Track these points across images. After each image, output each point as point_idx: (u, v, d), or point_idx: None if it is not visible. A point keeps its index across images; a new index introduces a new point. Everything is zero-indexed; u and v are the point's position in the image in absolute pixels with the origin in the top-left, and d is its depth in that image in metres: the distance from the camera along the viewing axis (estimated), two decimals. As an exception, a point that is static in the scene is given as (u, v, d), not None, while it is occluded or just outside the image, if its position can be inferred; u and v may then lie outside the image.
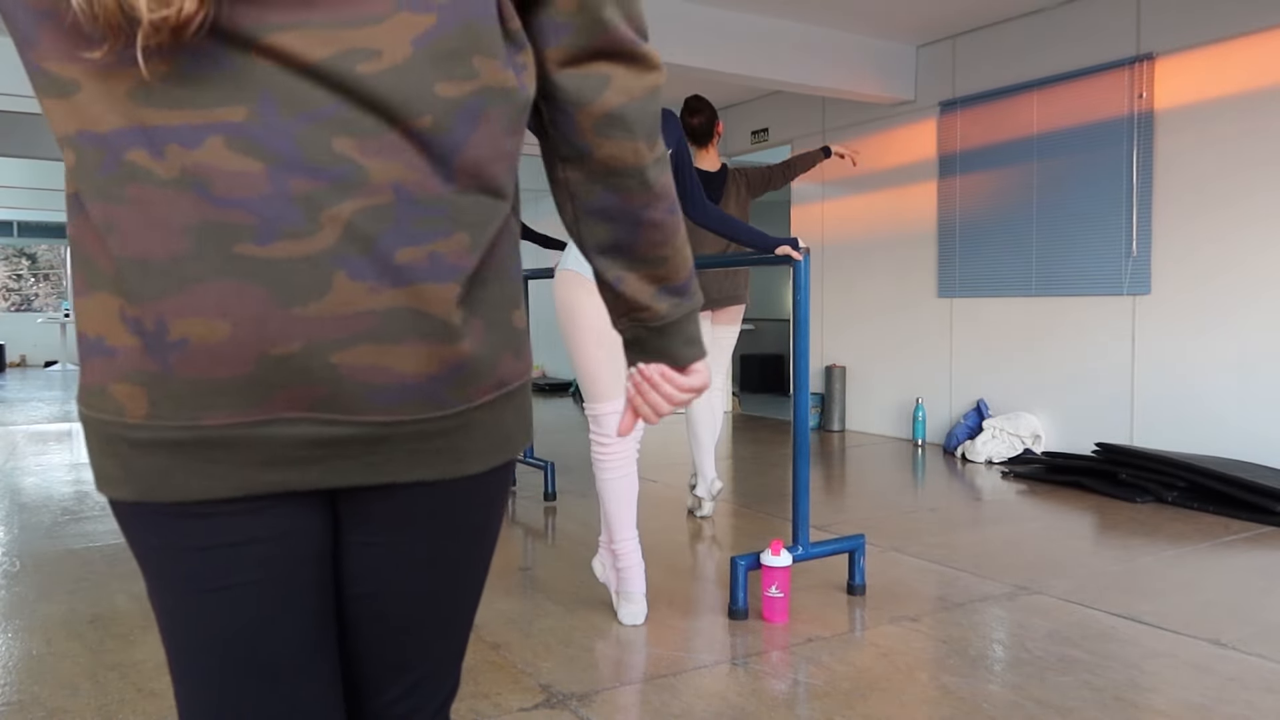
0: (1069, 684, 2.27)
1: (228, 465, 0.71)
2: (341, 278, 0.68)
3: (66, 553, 3.53)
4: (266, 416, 0.70)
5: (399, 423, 0.73)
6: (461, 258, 0.73)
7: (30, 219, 14.92)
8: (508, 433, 0.82)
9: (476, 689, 2.26)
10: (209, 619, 0.77)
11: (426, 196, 0.71)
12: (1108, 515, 4.05)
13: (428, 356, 0.72)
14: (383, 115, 0.69)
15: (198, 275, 0.67)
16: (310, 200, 0.67)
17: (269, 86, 0.66)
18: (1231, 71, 4.52)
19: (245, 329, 0.67)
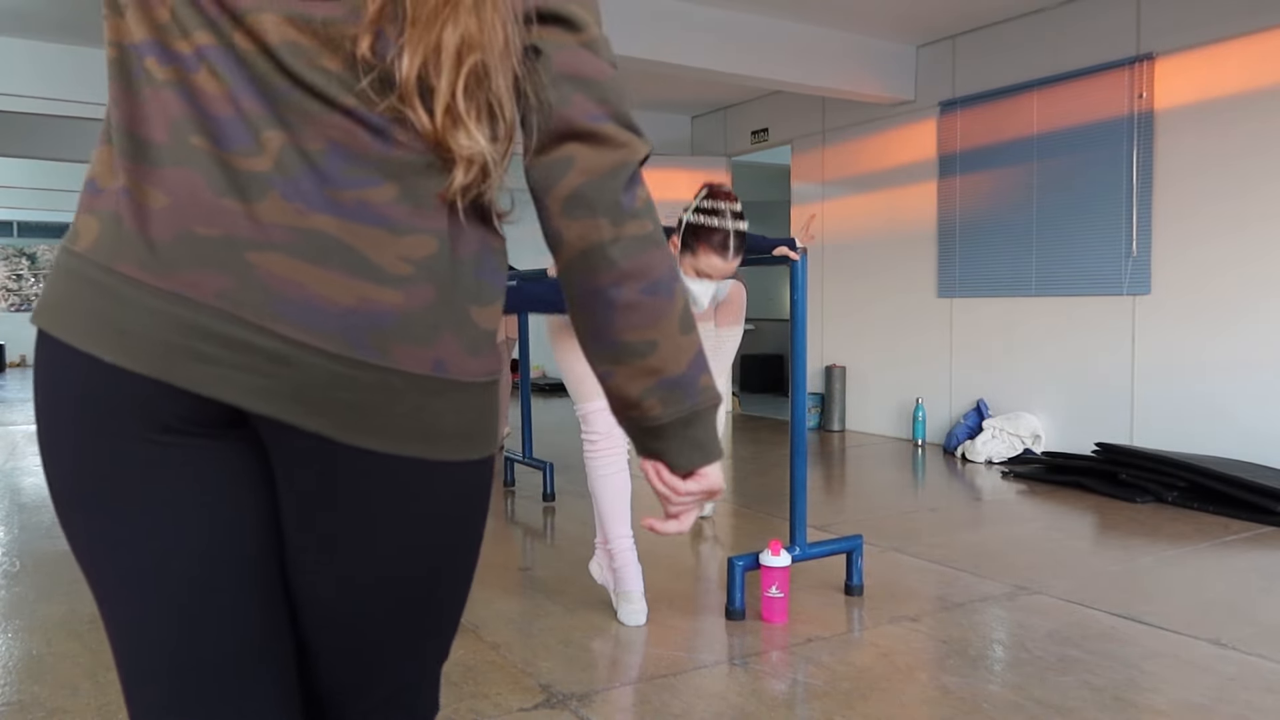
0: (1069, 684, 2.27)
1: (132, 325, 0.70)
2: (275, 195, 0.71)
3: (66, 553, 3.53)
4: (171, 289, 0.70)
5: (304, 345, 0.71)
6: (391, 208, 0.73)
7: (30, 219, 14.93)
8: (438, 429, 0.76)
9: (476, 689, 2.26)
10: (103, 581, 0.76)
11: (361, 153, 0.73)
12: (1108, 515, 4.05)
13: (346, 288, 0.71)
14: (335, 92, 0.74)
15: (165, 160, 0.72)
16: (254, 122, 0.72)
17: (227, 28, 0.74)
18: (1231, 71, 4.52)
19: (179, 204, 0.71)
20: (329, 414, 0.72)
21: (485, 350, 0.79)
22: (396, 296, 0.73)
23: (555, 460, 4.69)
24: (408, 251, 0.73)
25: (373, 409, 0.73)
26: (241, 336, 0.70)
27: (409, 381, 0.73)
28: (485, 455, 0.81)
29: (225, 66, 0.72)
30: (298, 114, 0.73)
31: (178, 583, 0.75)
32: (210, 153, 0.72)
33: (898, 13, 5.46)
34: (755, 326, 9.49)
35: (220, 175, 0.71)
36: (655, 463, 0.89)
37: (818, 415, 6.89)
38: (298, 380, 0.71)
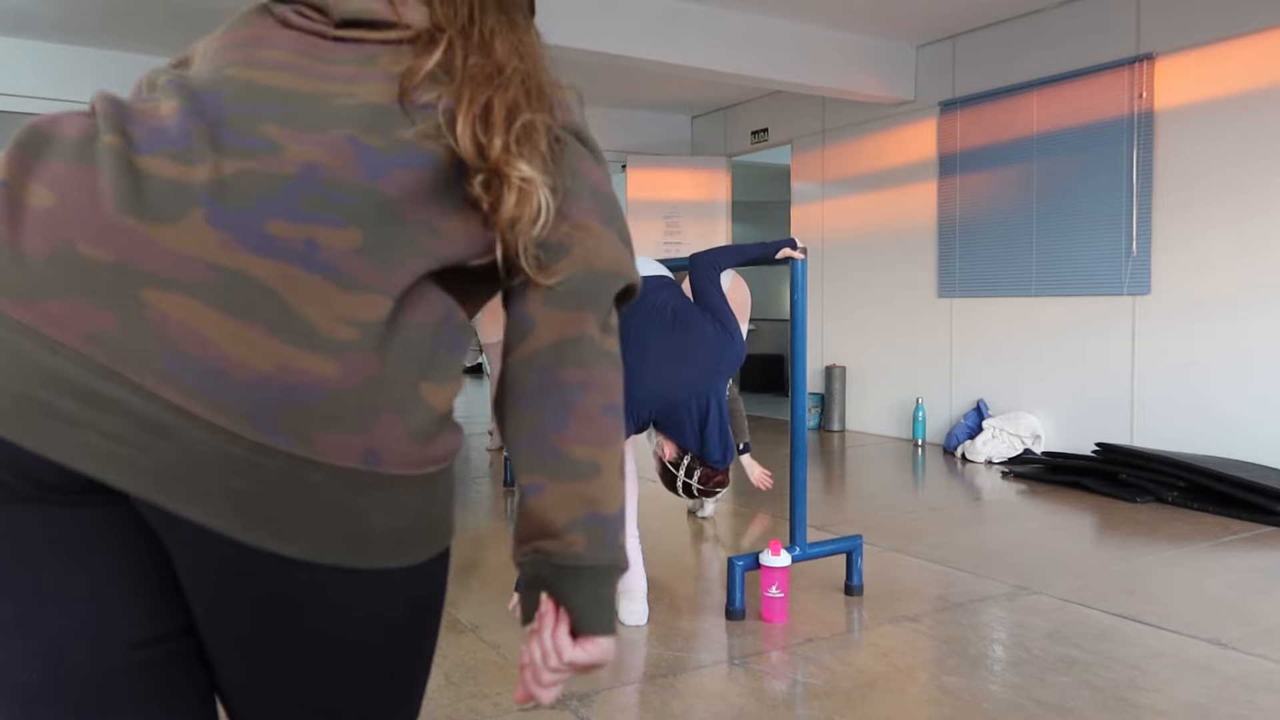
0: (1069, 684, 2.27)
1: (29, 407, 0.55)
2: (198, 215, 0.58)
3: (66, 553, 3.53)
4: (32, 323, 0.55)
5: (192, 417, 0.55)
6: (346, 259, 0.61)
7: (30, 219, 14.92)
8: (366, 532, 0.61)
9: (477, 689, 2.26)
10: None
11: (337, 182, 0.63)
12: (1108, 515, 4.05)
13: (265, 350, 0.57)
14: (329, 121, 0.68)
15: (66, 151, 0.61)
16: (201, 140, 0.62)
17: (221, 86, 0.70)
18: (1231, 71, 4.52)
19: (64, 207, 0.58)
20: (219, 504, 0.57)
21: (436, 434, 0.66)
22: (329, 367, 0.59)
23: (555, 460, 4.68)
24: (352, 312, 0.60)
25: (278, 503, 0.58)
26: (115, 396, 0.55)
27: (330, 475, 0.59)
28: (429, 557, 0.68)
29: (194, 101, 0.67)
30: (289, 127, 0.65)
31: (52, 677, 0.61)
32: (122, 151, 0.60)
33: (898, 13, 5.46)
34: (755, 326, 9.47)
35: (128, 181, 0.58)
36: (552, 616, 0.73)
37: (818, 415, 6.89)
38: (184, 459, 0.56)
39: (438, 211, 0.67)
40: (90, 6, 5.40)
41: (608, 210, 0.78)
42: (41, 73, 6.01)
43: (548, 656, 0.71)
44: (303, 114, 0.66)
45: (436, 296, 0.68)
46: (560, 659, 0.70)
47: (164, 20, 5.61)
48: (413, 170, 0.66)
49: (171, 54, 0.77)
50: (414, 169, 0.66)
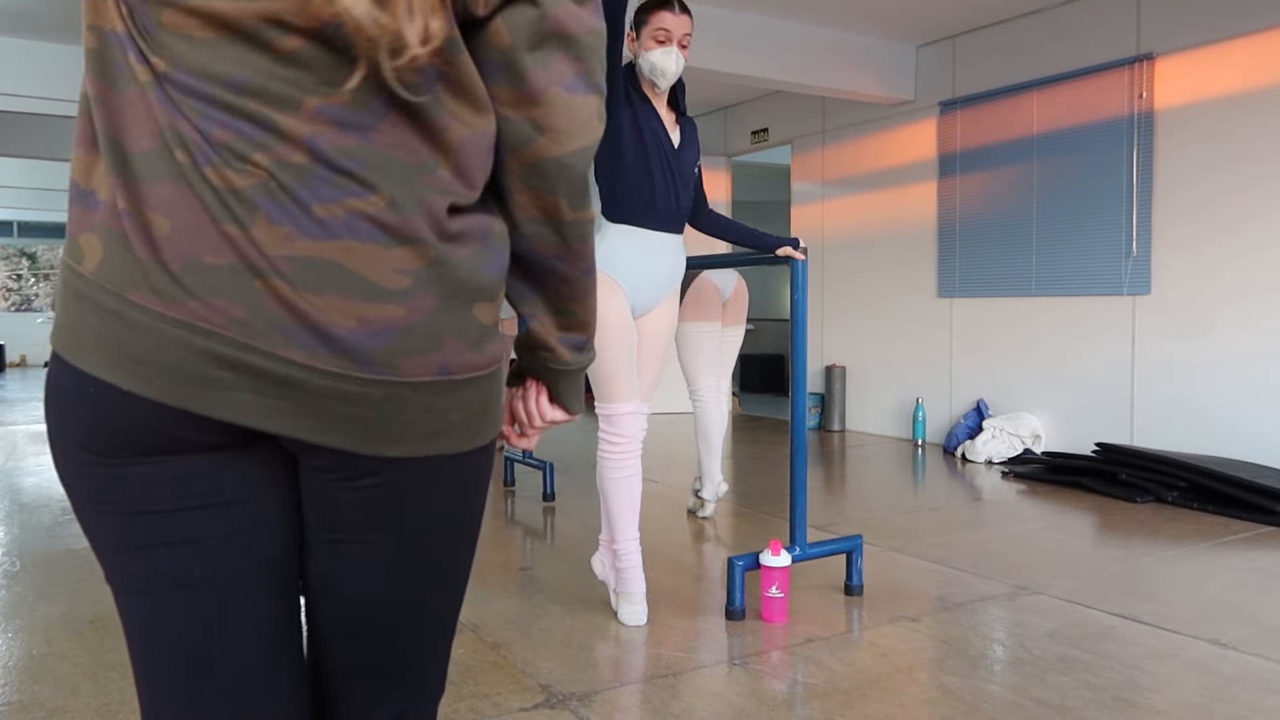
0: (1069, 684, 2.27)
1: (149, 355, 0.71)
2: (261, 219, 0.71)
3: (66, 553, 3.53)
4: (186, 319, 0.70)
5: (312, 369, 0.72)
6: (385, 216, 0.73)
7: (30, 219, 14.92)
8: (448, 425, 0.78)
9: (477, 689, 2.26)
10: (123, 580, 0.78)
11: (343, 148, 0.72)
12: (1108, 515, 4.05)
13: (346, 311, 0.72)
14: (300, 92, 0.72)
15: (156, 174, 0.71)
16: (230, 147, 0.71)
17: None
18: (1231, 71, 4.52)
19: (181, 229, 0.70)
20: (343, 429, 0.74)
21: (487, 342, 0.80)
22: (398, 311, 0.74)
23: (555, 460, 4.69)
24: (403, 263, 0.74)
25: (385, 419, 0.75)
26: (256, 364, 0.71)
27: (416, 390, 0.75)
28: (489, 441, 0.85)
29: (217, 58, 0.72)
30: (273, 107, 0.71)
31: (202, 586, 0.78)
32: (194, 169, 0.70)
33: (898, 13, 5.46)
34: (755, 326, 9.49)
35: (211, 195, 0.70)
36: (535, 389, 0.97)
37: (818, 415, 6.89)
38: (312, 401, 0.73)
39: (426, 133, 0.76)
40: (90, 6, 5.40)
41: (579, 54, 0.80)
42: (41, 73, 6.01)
43: (532, 416, 0.97)
44: (273, 84, 0.71)
45: (471, 222, 0.79)
46: (543, 418, 0.97)
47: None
48: (387, 112, 0.74)
49: None
50: (387, 113, 0.74)
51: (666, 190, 2.73)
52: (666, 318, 2.84)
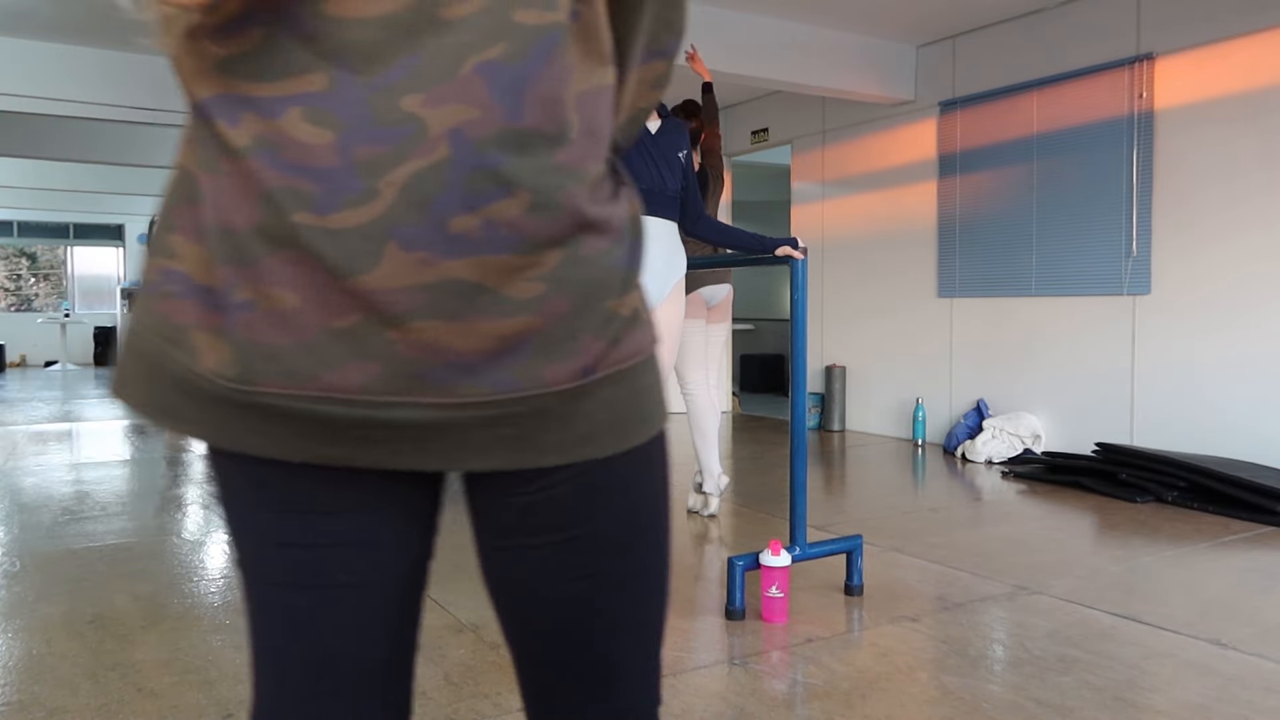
0: (1069, 684, 2.27)
1: (284, 431, 0.71)
2: (393, 248, 0.66)
3: (66, 553, 3.53)
4: (317, 393, 0.68)
5: (459, 405, 0.70)
6: (524, 222, 0.68)
7: (30, 219, 14.92)
8: (596, 427, 0.76)
9: (477, 689, 2.26)
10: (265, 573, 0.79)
11: (485, 138, 0.66)
12: (1108, 515, 4.05)
13: (483, 334, 0.69)
14: (454, 56, 0.66)
15: (264, 245, 0.67)
16: (370, 166, 0.66)
17: (345, 51, 0.66)
18: (1231, 71, 4.52)
19: (309, 300, 0.67)
20: (498, 450, 0.73)
21: (627, 332, 0.76)
22: (533, 321, 0.70)
23: (555, 460, 4.68)
24: (536, 269, 0.69)
25: (535, 433, 0.73)
26: (400, 417, 0.70)
27: (561, 396, 0.73)
28: (649, 438, 0.80)
29: (331, 104, 0.66)
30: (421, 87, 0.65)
31: (335, 589, 0.79)
32: (317, 227, 0.66)
33: (898, 13, 5.46)
34: (755, 326, 9.49)
35: (336, 249, 0.66)
36: None
37: (818, 415, 6.89)
38: (461, 435, 0.72)
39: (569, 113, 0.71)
40: (86, 5, 5.40)
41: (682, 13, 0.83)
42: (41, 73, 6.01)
43: None
44: (425, 59, 0.66)
45: (606, 211, 0.74)
46: None
47: (164, 20, 5.61)
48: (541, 80, 0.68)
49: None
50: (540, 75, 0.68)
51: (648, 172, 2.73)
52: (673, 314, 2.84)
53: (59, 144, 8.20)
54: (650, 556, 0.85)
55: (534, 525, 0.79)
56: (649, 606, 0.85)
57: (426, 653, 2.50)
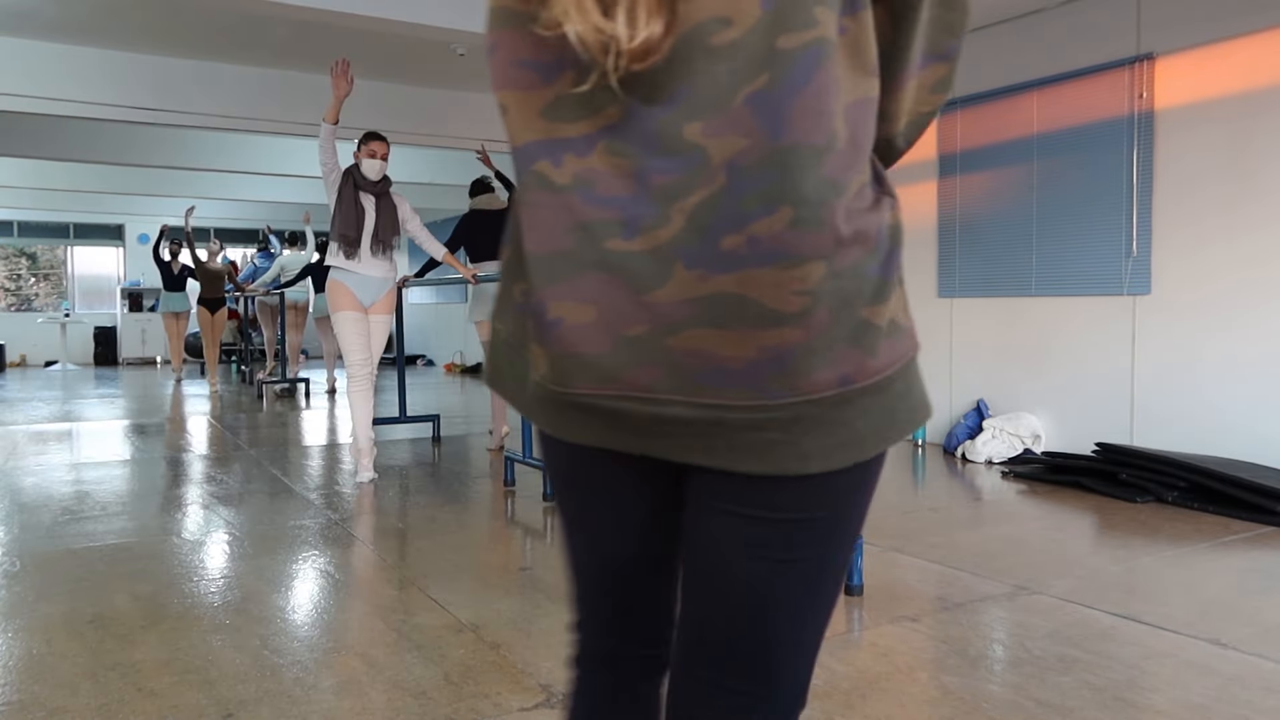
0: (1069, 684, 2.27)
1: (594, 424, 0.84)
2: (679, 267, 0.74)
3: (66, 553, 3.53)
4: (618, 393, 0.79)
5: (726, 407, 0.77)
6: (786, 237, 0.72)
7: (30, 219, 14.92)
8: (856, 434, 0.79)
9: (477, 689, 2.26)
10: (578, 531, 0.99)
11: (753, 163, 0.72)
12: (1108, 515, 4.05)
13: (747, 343, 0.74)
14: (721, 83, 0.72)
15: (576, 267, 0.78)
16: (664, 193, 0.74)
17: (633, 81, 0.74)
18: (1231, 71, 4.52)
19: (607, 313, 0.77)
20: (757, 457, 0.79)
21: (883, 343, 0.79)
22: (795, 334, 0.74)
23: (555, 460, 4.67)
24: (799, 284, 0.73)
25: (796, 440, 0.78)
26: (678, 414, 0.78)
27: (819, 405, 0.77)
28: (892, 445, 0.84)
29: (627, 138, 0.75)
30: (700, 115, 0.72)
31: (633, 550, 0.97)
32: (622, 251, 0.76)
33: (898, 13, 5.46)
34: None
35: (635, 269, 0.76)
36: None
37: (818, 415, 6.88)
38: (729, 435, 0.79)
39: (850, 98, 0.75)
40: (87, 5, 5.40)
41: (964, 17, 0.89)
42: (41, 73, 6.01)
43: None
44: (699, 86, 0.72)
45: (861, 226, 0.77)
46: None
47: (161, 19, 5.61)
48: (801, 97, 0.72)
49: (168, 53, 0.74)
50: (801, 93, 0.72)
51: None
52: None
53: (59, 144, 8.20)
54: (841, 560, 0.88)
55: (760, 511, 0.84)
56: (822, 605, 0.89)
57: (426, 652, 2.50)
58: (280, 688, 2.27)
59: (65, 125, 7.95)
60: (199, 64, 6.45)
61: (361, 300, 4.81)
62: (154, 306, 14.56)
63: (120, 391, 10.40)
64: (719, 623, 0.88)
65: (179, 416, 8.07)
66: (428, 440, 6.41)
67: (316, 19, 4.66)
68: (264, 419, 7.83)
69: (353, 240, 4.71)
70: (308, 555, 3.48)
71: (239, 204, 13.38)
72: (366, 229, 4.75)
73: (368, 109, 6.70)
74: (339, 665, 2.42)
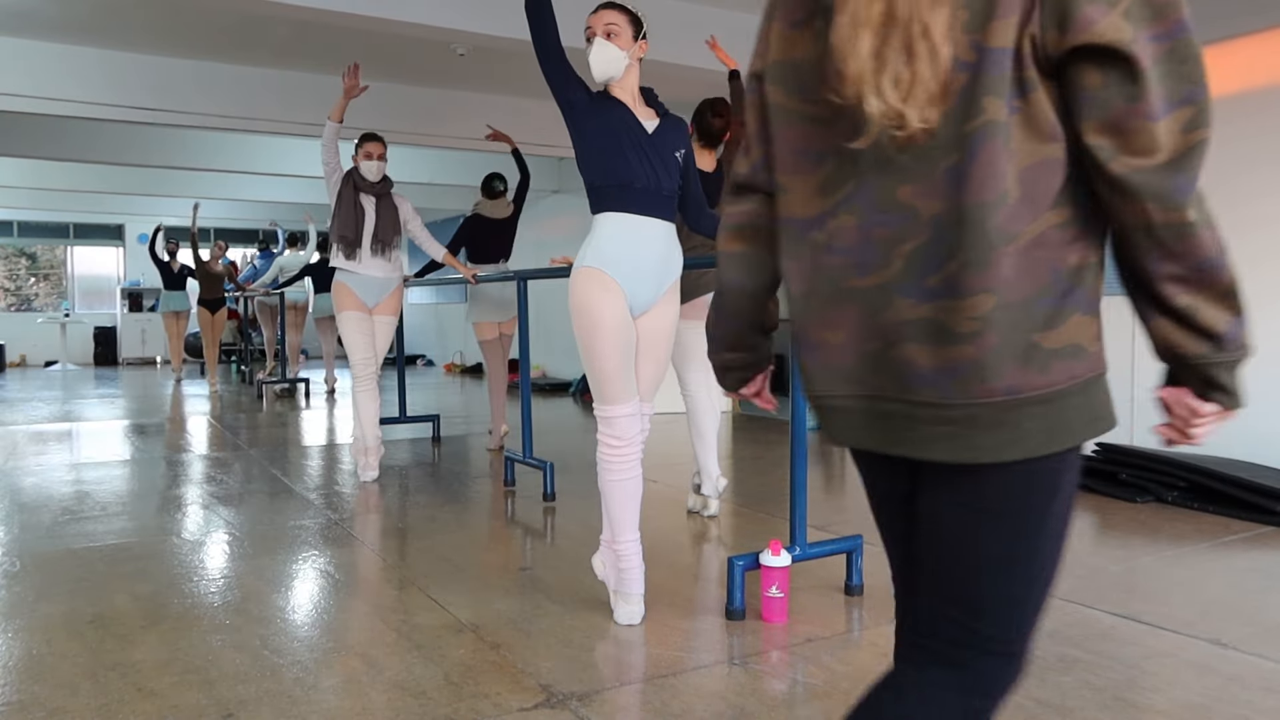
0: (1069, 684, 2.27)
1: (848, 423, 1.07)
2: (897, 298, 0.99)
3: (66, 553, 3.53)
4: (862, 393, 1.04)
5: (920, 404, 0.99)
6: (960, 277, 0.94)
7: (30, 219, 14.92)
8: (1023, 434, 0.96)
9: (477, 689, 2.26)
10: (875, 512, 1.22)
11: (949, 220, 0.95)
12: (1108, 515, 4.05)
13: (935, 354, 0.97)
14: (930, 159, 0.95)
15: (828, 302, 1.06)
16: (884, 242, 0.99)
17: (864, 161, 1.00)
18: (1231, 71, 4.52)
19: (852, 333, 1.04)
20: (941, 446, 0.99)
21: (1055, 362, 0.96)
22: (969, 350, 0.95)
23: (555, 460, 4.68)
24: (972, 312, 0.94)
25: (969, 435, 0.97)
26: (894, 410, 1.02)
27: (988, 408, 0.96)
28: (1066, 448, 1.00)
29: (860, 202, 1.01)
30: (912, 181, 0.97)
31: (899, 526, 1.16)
32: (858, 287, 1.02)
33: (898, 13, 5.46)
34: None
35: (868, 300, 1.01)
36: (1184, 387, 1.05)
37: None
38: (922, 428, 1.00)
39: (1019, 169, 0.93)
40: (87, 5, 5.40)
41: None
42: (40, 73, 6.01)
43: (1184, 415, 1.07)
44: (913, 159, 0.96)
45: (1034, 268, 0.94)
46: (1196, 414, 1.06)
47: (161, 19, 5.61)
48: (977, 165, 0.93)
49: (169, 53, 0.74)
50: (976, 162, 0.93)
51: (644, 170, 2.68)
52: (666, 316, 2.81)
53: (59, 144, 8.19)
54: (1037, 539, 1.03)
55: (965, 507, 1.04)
56: (1026, 569, 1.04)
57: (426, 652, 2.50)
58: (280, 688, 2.28)
59: (65, 125, 7.95)
60: (199, 64, 6.45)
61: (365, 301, 4.81)
62: (154, 306, 14.57)
63: (120, 391, 10.40)
64: (940, 572, 1.08)
65: (179, 416, 8.07)
66: (428, 440, 6.41)
67: (316, 19, 4.67)
68: (264, 419, 7.83)
69: (352, 241, 4.71)
70: (308, 555, 3.49)
71: (239, 204, 13.38)
72: (366, 230, 4.76)
73: (368, 109, 6.70)
74: (339, 665, 2.42)
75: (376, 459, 4.93)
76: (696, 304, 3.95)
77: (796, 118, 1.07)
